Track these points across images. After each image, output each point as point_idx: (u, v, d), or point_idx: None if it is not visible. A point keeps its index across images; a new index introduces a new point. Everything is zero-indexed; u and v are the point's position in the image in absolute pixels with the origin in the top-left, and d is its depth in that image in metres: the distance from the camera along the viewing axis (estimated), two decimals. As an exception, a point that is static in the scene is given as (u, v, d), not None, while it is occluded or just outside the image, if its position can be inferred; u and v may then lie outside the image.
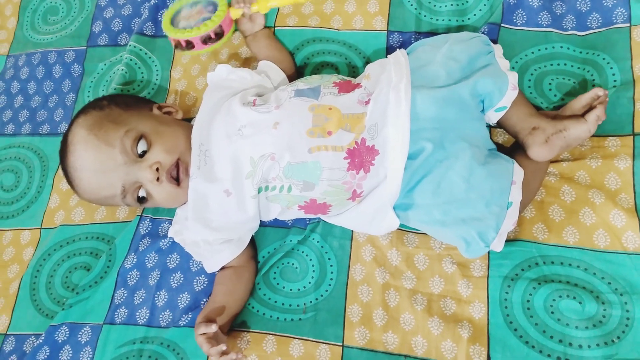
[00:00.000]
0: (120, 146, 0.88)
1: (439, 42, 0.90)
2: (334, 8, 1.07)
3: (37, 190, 1.12)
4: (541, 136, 0.85)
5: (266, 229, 0.97)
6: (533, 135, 0.85)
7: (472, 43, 0.88)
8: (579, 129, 0.84)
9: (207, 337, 0.84)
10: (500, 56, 0.88)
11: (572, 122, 0.85)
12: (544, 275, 0.84)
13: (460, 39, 0.89)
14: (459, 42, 0.88)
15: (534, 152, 0.85)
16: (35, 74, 1.23)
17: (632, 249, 0.82)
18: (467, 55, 0.86)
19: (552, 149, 0.84)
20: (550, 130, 0.85)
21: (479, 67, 0.86)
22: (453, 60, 0.86)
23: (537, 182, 0.88)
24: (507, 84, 0.84)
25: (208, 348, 0.82)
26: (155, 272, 0.97)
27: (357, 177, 0.84)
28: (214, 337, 0.84)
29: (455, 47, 0.87)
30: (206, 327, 0.84)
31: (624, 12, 0.94)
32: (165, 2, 1.18)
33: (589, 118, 0.84)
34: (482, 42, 0.89)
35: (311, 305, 0.90)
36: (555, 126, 0.85)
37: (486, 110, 0.87)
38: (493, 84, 0.84)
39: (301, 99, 0.87)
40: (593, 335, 0.79)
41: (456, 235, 0.82)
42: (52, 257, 1.04)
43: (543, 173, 0.89)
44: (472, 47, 0.87)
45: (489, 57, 0.87)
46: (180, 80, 1.12)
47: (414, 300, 0.87)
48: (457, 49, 0.87)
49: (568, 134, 0.84)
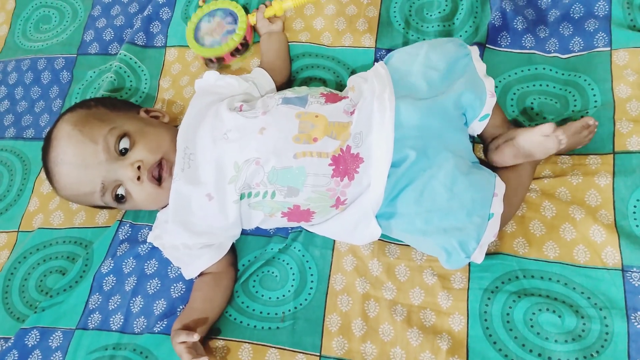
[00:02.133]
0: (104, 143, 0.88)
1: (414, 50, 0.91)
2: (324, 25, 1.10)
3: (17, 194, 1.11)
4: (494, 144, 0.90)
5: (247, 237, 0.96)
6: (491, 143, 0.91)
7: (448, 47, 0.90)
8: (525, 135, 0.85)
9: (186, 346, 0.82)
10: (477, 59, 0.90)
11: (520, 130, 0.87)
12: (524, 288, 0.84)
13: (436, 44, 0.91)
14: (435, 49, 0.89)
15: (488, 158, 0.91)
16: (24, 79, 1.23)
17: (612, 264, 0.83)
18: (445, 62, 0.88)
19: (503, 156, 0.88)
20: (502, 139, 0.89)
21: (458, 73, 0.87)
22: (432, 69, 0.87)
23: (518, 198, 0.89)
24: (485, 92, 0.86)
25: (189, 358, 0.80)
26: (132, 277, 0.96)
27: (341, 184, 0.84)
28: (193, 346, 0.83)
29: (432, 56, 0.88)
30: (187, 336, 0.82)
31: (605, 37, 0.97)
32: (158, 14, 1.19)
33: (540, 128, 0.83)
34: (457, 45, 0.91)
35: (290, 313, 0.89)
36: (508, 135, 0.88)
37: (470, 122, 0.88)
38: (473, 95, 0.86)
39: (288, 106, 0.88)
40: (572, 349, 0.79)
41: (437, 245, 0.82)
42: (27, 260, 1.02)
43: (525, 189, 0.90)
44: (449, 52, 0.89)
45: (467, 60, 0.89)
46: (168, 89, 1.13)
47: (394, 311, 0.86)
48: (435, 57, 0.88)
49: (516, 142, 0.85)
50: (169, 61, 1.15)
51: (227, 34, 1.06)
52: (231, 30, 1.06)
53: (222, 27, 1.07)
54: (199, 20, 1.10)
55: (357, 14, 1.10)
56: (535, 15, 1.03)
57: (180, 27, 1.16)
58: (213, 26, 1.08)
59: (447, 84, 0.87)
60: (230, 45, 1.05)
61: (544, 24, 1.02)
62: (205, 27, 1.09)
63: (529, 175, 0.90)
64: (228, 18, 1.07)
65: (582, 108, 0.94)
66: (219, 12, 1.10)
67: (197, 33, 1.09)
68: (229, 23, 1.07)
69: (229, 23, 1.07)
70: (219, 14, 1.09)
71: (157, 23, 1.19)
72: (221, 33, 1.06)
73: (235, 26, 1.07)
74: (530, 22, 1.02)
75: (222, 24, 1.07)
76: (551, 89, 0.97)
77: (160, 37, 1.18)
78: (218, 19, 1.08)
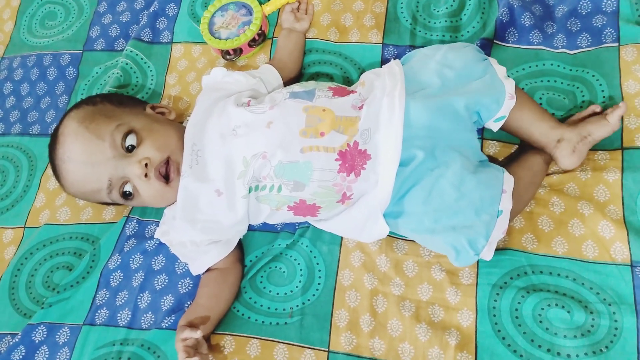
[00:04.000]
0: (110, 140, 0.88)
1: (432, 51, 0.91)
2: (330, 20, 1.09)
3: (24, 190, 1.11)
4: (568, 147, 0.87)
5: (255, 233, 0.96)
6: (560, 148, 0.88)
7: (466, 51, 0.89)
8: (602, 130, 0.87)
9: (186, 344, 0.82)
10: (496, 63, 0.89)
11: (594, 126, 0.87)
12: (532, 284, 0.84)
13: (454, 47, 0.91)
14: (452, 50, 0.89)
15: (564, 163, 0.88)
16: (29, 75, 1.23)
17: (621, 260, 0.82)
18: (462, 61, 0.87)
19: (581, 156, 0.88)
20: (575, 139, 0.87)
21: (476, 75, 0.87)
22: (448, 67, 0.87)
23: (529, 194, 0.89)
24: (504, 94, 0.86)
25: (182, 358, 0.81)
26: (140, 273, 0.95)
27: (347, 180, 0.84)
28: (196, 343, 0.82)
29: (449, 55, 0.88)
30: (191, 332, 0.82)
31: (613, 33, 0.96)
32: (164, 10, 1.19)
33: (611, 119, 0.86)
34: (475, 50, 0.90)
35: (297, 309, 0.88)
36: (580, 133, 0.87)
37: (485, 122, 0.88)
38: (490, 98, 0.85)
39: (296, 100, 0.87)
40: (581, 344, 0.78)
41: (446, 243, 0.82)
42: (34, 256, 1.02)
43: (537, 186, 0.90)
44: (467, 54, 0.88)
45: (486, 64, 0.88)
46: (175, 85, 1.13)
47: (402, 307, 0.86)
48: (451, 56, 0.88)
49: (593, 138, 0.87)
50: (175, 57, 1.15)
51: (243, 25, 1.08)
52: (247, 22, 1.08)
53: (236, 20, 1.09)
54: (212, 16, 1.11)
55: (364, 9, 1.09)
56: (543, 11, 1.02)
57: (187, 23, 1.16)
58: (227, 19, 1.09)
59: (463, 83, 0.86)
60: (248, 35, 1.06)
61: (551, 20, 1.01)
62: (220, 21, 1.10)
63: (543, 171, 0.90)
64: (242, 10, 1.09)
65: (589, 103, 0.94)
66: (231, 5, 1.11)
67: (211, 28, 1.10)
68: (243, 15, 1.08)
69: (243, 15, 1.08)
70: (231, 8, 1.10)
71: (164, 19, 1.19)
72: (237, 25, 1.08)
73: (251, 17, 1.08)
74: (538, 18, 1.01)
75: (237, 16, 1.09)
76: (559, 84, 0.96)
77: (167, 33, 1.18)
78: (231, 12, 1.10)
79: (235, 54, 1.08)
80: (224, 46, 1.07)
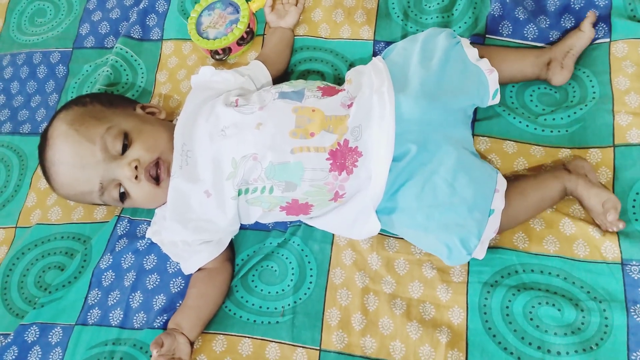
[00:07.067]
0: (101, 143, 0.87)
1: (409, 44, 0.91)
2: (322, 16, 1.09)
3: (15, 189, 1.10)
4: (557, 65, 0.93)
5: (246, 232, 0.96)
6: (550, 69, 0.94)
7: (441, 38, 0.90)
8: (581, 41, 0.94)
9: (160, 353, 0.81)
10: (468, 46, 0.90)
11: (572, 39, 0.94)
12: (523, 282, 0.84)
13: (429, 35, 0.91)
14: (429, 40, 0.90)
15: (557, 81, 0.94)
16: (19, 74, 1.22)
17: (611, 258, 0.82)
18: (441, 51, 0.88)
19: (570, 70, 0.94)
20: (560, 55, 0.94)
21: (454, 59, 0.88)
22: (428, 59, 0.87)
23: (527, 215, 0.87)
24: (484, 75, 0.88)
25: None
26: (131, 273, 0.95)
27: (339, 179, 0.83)
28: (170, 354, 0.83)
29: (427, 46, 0.89)
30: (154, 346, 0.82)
31: (605, 27, 0.96)
32: (154, 7, 1.18)
33: (584, 28, 0.93)
34: (449, 35, 0.91)
35: (289, 308, 0.88)
36: (562, 50, 0.94)
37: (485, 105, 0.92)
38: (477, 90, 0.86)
39: (285, 100, 0.87)
40: (572, 341, 0.79)
41: (439, 241, 0.82)
42: (25, 256, 1.02)
43: (538, 211, 0.87)
44: (442, 41, 0.89)
45: (458, 47, 0.89)
46: (165, 83, 1.12)
47: (393, 305, 0.86)
48: (430, 47, 0.89)
49: (576, 50, 0.94)
50: (166, 54, 1.14)
51: (230, 24, 1.06)
52: (234, 20, 1.06)
53: (224, 18, 1.07)
54: (199, 15, 1.09)
55: (355, 5, 1.09)
56: (535, 6, 1.02)
57: (177, 20, 1.16)
58: (214, 18, 1.08)
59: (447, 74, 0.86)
60: (236, 34, 1.05)
61: (544, 14, 1.00)
62: (207, 20, 1.08)
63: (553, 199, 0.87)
64: (229, 8, 1.08)
65: (580, 100, 0.94)
66: (217, 4, 1.09)
67: (199, 28, 1.08)
68: (230, 13, 1.07)
69: (230, 13, 1.07)
70: (218, 6, 1.09)
71: (153, 16, 1.18)
72: (224, 24, 1.06)
73: (238, 15, 1.07)
74: (531, 13, 1.00)
75: (224, 15, 1.08)
76: (551, 80, 0.96)
77: (157, 30, 1.17)
78: (218, 11, 1.08)
79: (225, 53, 1.07)
80: (212, 46, 1.06)
